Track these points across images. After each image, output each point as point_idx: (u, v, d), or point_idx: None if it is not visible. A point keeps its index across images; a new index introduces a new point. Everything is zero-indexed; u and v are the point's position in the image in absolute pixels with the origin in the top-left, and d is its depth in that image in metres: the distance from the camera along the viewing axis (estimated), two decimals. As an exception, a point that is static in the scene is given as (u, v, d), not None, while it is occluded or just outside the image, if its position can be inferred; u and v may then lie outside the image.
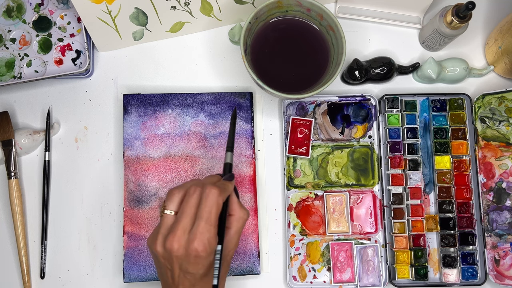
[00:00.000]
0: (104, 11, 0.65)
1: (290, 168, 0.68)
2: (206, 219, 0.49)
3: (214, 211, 0.49)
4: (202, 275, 0.50)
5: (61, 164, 0.69)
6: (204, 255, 0.48)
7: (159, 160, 0.67)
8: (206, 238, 0.48)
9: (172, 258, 0.49)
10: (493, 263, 0.66)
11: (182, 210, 0.50)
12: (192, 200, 0.50)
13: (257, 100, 0.71)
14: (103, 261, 0.67)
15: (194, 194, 0.50)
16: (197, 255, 0.48)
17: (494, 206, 0.68)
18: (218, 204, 0.50)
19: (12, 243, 0.67)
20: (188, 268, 0.49)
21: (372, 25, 0.73)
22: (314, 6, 0.62)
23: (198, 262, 0.49)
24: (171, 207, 0.51)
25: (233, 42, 0.71)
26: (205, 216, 0.49)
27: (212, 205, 0.49)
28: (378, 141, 0.69)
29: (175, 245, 0.48)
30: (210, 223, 0.49)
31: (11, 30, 0.68)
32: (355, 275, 0.66)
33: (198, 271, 0.49)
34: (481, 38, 0.73)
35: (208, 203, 0.49)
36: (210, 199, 0.49)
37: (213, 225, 0.49)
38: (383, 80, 0.70)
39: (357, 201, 0.68)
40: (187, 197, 0.50)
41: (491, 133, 0.69)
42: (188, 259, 0.48)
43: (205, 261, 0.49)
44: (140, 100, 0.68)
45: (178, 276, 0.49)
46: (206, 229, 0.48)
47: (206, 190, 0.50)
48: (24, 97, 0.70)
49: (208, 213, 0.49)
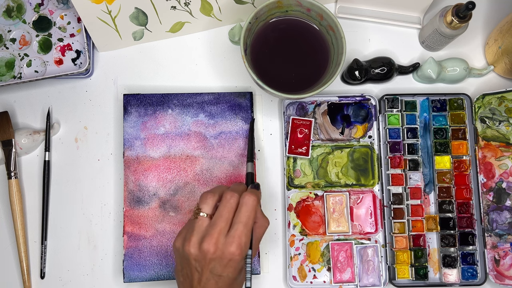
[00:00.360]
0: (104, 11, 0.65)
1: (290, 168, 0.68)
2: (245, 224, 0.51)
3: (252, 216, 0.52)
4: (232, 279, 0.51)
5: (61, 164, 0.69)
6: (239, 258, 0.50)
7: (159, 160, 0.67)
8: (244, 242, 0.50)
9: (205, 260, 0.50)
10: (493, 263, 0.66)
11: (220, 213, 0.51)
12: (230, 205, 0.52)
13: (257, 100, 0.71)
14: (103, 261, 0.67)
15: (231, 199, 0.52)
16: (232, 258, 0.50)
17: (494, 206, 0.68)
18: (255, 210, 0.52)
19: (12, 243, 0.67)
20: (220, 271, 0.50)
21: (372, 25, 0.73)
22: (314, 6, 0.62)
23: (231, 266, 0.50)
24: (206, 210, 0.52)
25: (233, 42, 0.71)
26: (244, 221, 0.51)
27: (251, 210, 0.52)
28: (378, 141, 0.69)
29: (212, 247, 0.50)
30: (248, 228, 0.51)
31: (11, 30, 0.68)
32: (355, 275, 0.66)
33: (229, 274, 0.51)
34: (481, 38, 0.74)
35: (247, 209, 0.52)
36: (250, 205, 0.52)
37: (250, 230, 0.51)
38: (383, 80, 0.70)
39: (357, 201, 0.68)
40: (225, 202, 0.52)
41: (491, 133, 0.69)
42: (222, 262, 0.50)
43: (238, 265, 0.51)
44: (140, 100, 0.68)
45: (206, 278, 0.50)
46: (244, 233, 0.50)
47: (246, 196, 0.52)
48: (24, 97, 0.70)
49: (247, 218, 0.51)
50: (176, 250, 0.53)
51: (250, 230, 0.51)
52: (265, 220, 0.55)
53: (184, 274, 0.52)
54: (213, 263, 0.50)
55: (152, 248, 0.65)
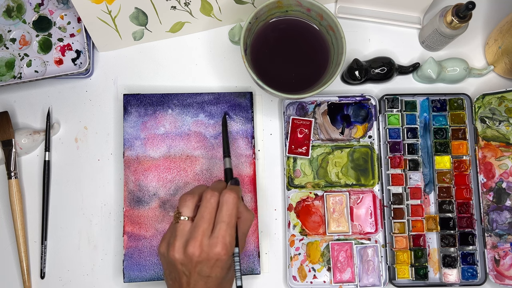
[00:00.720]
0: (104, 11, 0.65)
1: (290, 168, 0.68)
2: (228, 223, 0.50)
3: (234, 214, 0.51)
4: (220, 278, 0.51)
5: (61, 164, 0.69)
6: (225, 258, 0.50)
7: (159, 160, 0.67)
8: (228, 241, 0.50)
9: (192, 263, 0.50)
10: (493, 263, 0.66)
11: (201, 215, 0.51)
12: (211, 205, 0.51)
13: (257, 100, 0.71)
14: (103, 261, 0.67)
15: (212, 199, 0.51)
16: (219, 258, 0.49)
17: (494, 206, 0.68)
18: (237, 207, 0.52)
19: (12, 243, 0.67)
20: (208, 272, 0.50)
21: (372, 25, 0.73)
22: (314, 6, 0.62)
23: (218, 266, 0.50)
24: (186, 213, 0.52)
25: (233, 42, 0.71)
26: (227, 220, 0.50)
27: (232, 208, 0.51)
28: (378, 141, 0.69)
29: (197, 250, 0.49)
30: (231, 226, 0.50)
31: (11, 30, 0.68)
32: (355, 275, 0.66)
33: (217, 274, 0.50)
34: (481, 38, 0.74)
35: (228, 207, 0.51)
36: (230, 203, 0.51)
37: (233, 228, 0.51)
38: (383, 80, 0.70)
39: (357, 201, 0.68)
40: (205, 202, 0.51)
41: (491, 133, 0.69)
42: (209, 263, 0.50)
43: (225, 264, 0.50)
44: (140, 100, 0.68)
45: (194, 280, 0.50)
46: (227, 232, 0.50)
47: (225, 194, 0.51)
48: (24, 97, 0.70)
49: (229, 216, 0.51)
50: (161, 256, 0.53)
51: (234, 228, 0.51)
52: (249, 214, 0.54)
53: (173, 278, 0.52)
54: (199, 265, 0.50)
55: (152, 248, 0.65)
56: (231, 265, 0.52)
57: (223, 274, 0.51)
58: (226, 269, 0.51)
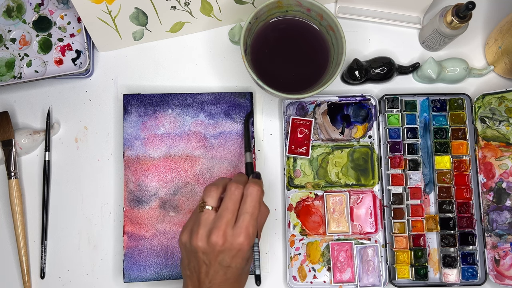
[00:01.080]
0: (104, 11, 0.65)
1: (290, 168, 0.68)
2: (251, 214, 0.52)
3: (257, 206, 0.52)
4: (240, 269, 0.52)
5: (61, 164, 0.69)
6: (247, 248, 0.51)
7: (159, 160, 0.67)
8: (251, 232, 0.51)
9: (214, 252, 0.51)
10: (493, 263, 0.66)
11: (225, 206, 0.52)
12: (235, 196, 0.52)
13: (257, 100, 0.71)
14: (103, 261, 0.67)
15: (236, 191, 0.53)
16: (241, 249, 0.51)
17: (494, 206, 0.68)
18: (260, 200, 0.53)
19: (12, 243, 0.67)
20: (229, 262, 0.51)
21: (372, 25, 0.73)
22: (314, 6, 0.62)
23: (239, 256, 0.51)
24: (211, 202, 0.53)
25: (233, 42, 0.71)
26: (251, 211, 0.52)
27: (256, 200, 0.52)
28: (378, 141, 0.69)
29: (220, 240, 0.50)
30: (254, 218, 0.52)
31: (11, 30, 0.68)
32: (355, 275, 0.66)
33: (236, 265, 0.51)
34: (481, 38, 0.74)
35: (252, 199, 0.52)
36: (254, 195, 0.52)
37: (256, 220, 0.52)
38: (383, 80, 0.70)
39: (357, 201, 0.68)
40: (229, 194, 0.53)
41: (491, 133, 0.69)
42: (231, 253, 0.51)
43: (246, 255, 0.52)
44: (140, 100, 0.68)
45: (214, 271, 0.51)
46: (251, 223, 0.51)
47: (250, 187, 0.53)
48: (24, 97, 0.70)
49: (253, 208, 0.52)
50: (182, 245, 0.54)
51: (256, 220, 0.52)
52: (266, 208, 0.56)
53: (191, 268, 0.53)
54: (221, 255, 0.50)
55: (152, 248, 0.65)
56: (250, 256, 0.54)
57: (243, 265, 0.52)
58: (245, 260, 0.52)
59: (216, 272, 0.51)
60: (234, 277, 0.52)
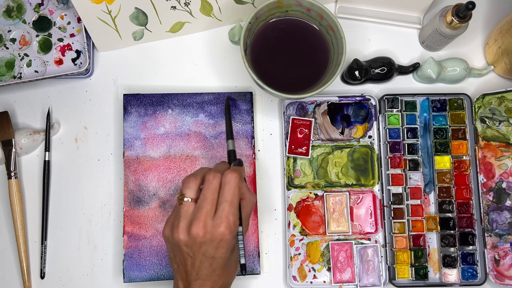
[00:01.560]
0: (104, 11, 0.65)
1: (290, 168, 0.68)
2: (231, 202, 0.50)
3: (237, 194, 0.51)
4: (225, 259, 0.51)
5: (61, 164, 0.69)
6: (230, 237, 0.50)
7: (159, 160, 0.67)
8: (232, 221, 0.50)
9: (196, 244, 0.50)
10: (493, 263, 0.66)
11: (204, 196, 0.51)
12: (213, 186, 0.51)
13: (257, 100, 0.71)
14: (103, 261, 0.67)
15: (214, 180, 0.51)
16: (223, 238, 0.50)
17: (494, 206, 0.68)
18: (239, 187, 0.52)
19: (12, 243, 0.67)
20: (212, 253, 0.50)
21: (372, 25, 0.73)
22: (314, 6, 0.62)
23: (222, 246, 0.50)
24: (190, 194, 0.52)
25: (233, 42, 0.71)
26: (230, 200, 0.50)
27: (234, 188, 0.51)
28: (378, 141, 0.69)
29: (201, 231, 0.49)
30: (234, 206, 0.51)
31: (11, 30, 0.68)
32: (355, 275, 0.66)
33: (221, 255, 0.50)
34: (481, 38, 0.74)
35: (231, 187, 0.51)
36: (233, 183, 0.51)
37: (236, 208, 0.51)
38: (383, 80, 0.70)
39: (357, 201, 0.68)
40: (207, 184, 0.51)
41: (491, 133, 0.69)
42: (213, 244, 0.50)
43: (229, 245, 0.51)
44: (140, 100, 0.68)
45: (199, 261, 0.50)
46: (231, 212, 0.50)
47: (227, 175, 0.51)
48: (24, 97, 0.70)
49: (232, 196, 0.51)
50: (166, 239, 0.53)
51: (237, 208, 0.51)
52: (252, 196, 0.55)
53: (178, 261, 0.52)
54: (204, 246, 0.50)
55: (152, 248, 0.65)
56: (234, 246, 0.53)
57: (228, 255, 0.51)
58: (230, 250, 0.51)
59: (201, 263, 0.50)
60: (221, 267, 0.51)
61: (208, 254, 0.50)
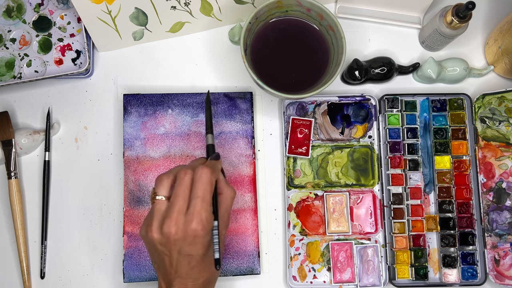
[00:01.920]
0: (104, 11, 0.65)
1: (290, 168, 0.68)
2: (202, 198, 0.49)
3: (209, 189, 0.50)
4: (201, 255, 0.50)
5: (61, 164, 0.69)
6: (203, 233, 0.49)
7: (159, 160, 0.67)
8: (204, 217, 0.49)
9: (170, 242, 0.49)
10: (493, 263, 0.66)
11: (176, 193, 0.50)
12: (185, 182, 0.50)
13: (257, 100, 0.71)
14: (103, 261, 0.67)
15: (186, 177, 0.50)
16: (196, 235, 0.49)
17: (494, 206, 0.68)
18: (211, 182, 0.50)
19: (12, 243, 0.67)
20: (188, 250, 0.49)
21: (372, 25, 0.73)
22: (314, 6, 0.62)
23: (197, 242, 0.49)
24: (162, 192, 0.51)
25: (233, 42, 0.71)
26: (201, 195, 0.49)
27: (206, 183, 0.50)
28: (378, 141, 0.69)
29: (173, 228, 0.48)
30: (206, 202, 0.49)
31: (11, 30, 0.68)
32: (355, 275, 0.66)
33: (197, 252, 0.49)
34: (481, 38, 0.74)
35: (202, 182, 0.50)
36: (204, 178, 0.50)
37: (209, 203, 0.50)
38: (383, 80, 0.70)
39: (357, 201, 0.68)
40: (179, 180, 0.50)
41: (491, 133, 0.69)
42: (187, 241, 0.49)
43: (204, 240, 0.49)
44: (140, 100, 0.68)
45: (176, 260, 0.49)
46: (203, 208, 0.49)
47: (198, 171, 0.50)
48: (24, 97, 0.70)
49: (204, 191, 0.49)
50: (143, 239, 0.52)
51: (209, 203, 0.50)
52: (230, 190, 0.53)
53: (156, 261, 0.52)
54: (178, 244, 0.49)
55: (152, 248, 0.65)
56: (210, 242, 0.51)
57: (204, 251, 0.50)
58: (206, 246, 0.50)
59: (178, 261, 0.49)
60: (200, 265, 0.50)
61: (184, 251, 0.49)
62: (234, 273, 0.65)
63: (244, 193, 0.67)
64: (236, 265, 0.65)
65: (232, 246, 0.66)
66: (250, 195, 0.67)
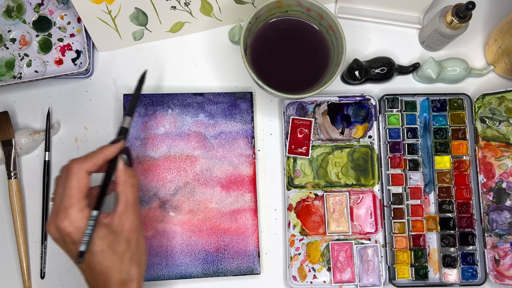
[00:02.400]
0: (104, 11, 0.65)
1: (290, 168, 0.68)
2: (67, 194, 0.46)
3: (74, 183, 0.47)
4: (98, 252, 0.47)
5: (61, 164, 0.68)
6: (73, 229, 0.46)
7: (159, 160, 0.67)
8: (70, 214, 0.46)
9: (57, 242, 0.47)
10: (493, 263, 0.66)
11: (54, 191, 0.48)
12: (60, 179, 0.48)
13: (257, 100, 0.71)
14: (103, 261, 0.67)
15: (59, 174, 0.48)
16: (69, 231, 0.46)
17: (494, 206, 0.68)
18: (78, 174, 0.47)
19: (12, 243, 0.67)
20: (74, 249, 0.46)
21: (372, 25, 0.73)
22: (314, 6, 0.62)
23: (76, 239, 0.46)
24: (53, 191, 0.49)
25: (233, 42, 0.71)
26: (68, 192, 0.46)
27: (66, 176, 0.47)
28: (378, 141, 0.69)
29: (52, 228, 0.47)
30: (70, 196, 0.46)
31: (11, 30, 0.68)
32: (355, 275, 0.66)
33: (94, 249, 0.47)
34: (481, 38, 0.74)
35: (68, 177, 0.47)
36: (70, 172, 0.47)
37: (74, 198, 0.46)
38: (383, 80, 0.70)
39: (357, 201, 0.68)
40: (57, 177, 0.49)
41: (491, 133, 0.69)
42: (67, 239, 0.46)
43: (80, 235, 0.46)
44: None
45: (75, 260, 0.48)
46: (68, 204, 0.46)
47: (64, 166, 0.48)
48: (24, 97, 0.70)
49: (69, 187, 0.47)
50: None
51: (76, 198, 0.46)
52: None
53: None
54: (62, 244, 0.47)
55: (152, 248, 0.65)
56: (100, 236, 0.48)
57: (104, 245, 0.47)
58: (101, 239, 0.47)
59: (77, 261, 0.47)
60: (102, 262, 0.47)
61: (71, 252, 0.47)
62: (234, 273, 0.65)
63: (244, 193, 0.67)
64: (236, 265, 0.65)
65: (232, 246, 0.66)
66: (250, 195, 0.67)
